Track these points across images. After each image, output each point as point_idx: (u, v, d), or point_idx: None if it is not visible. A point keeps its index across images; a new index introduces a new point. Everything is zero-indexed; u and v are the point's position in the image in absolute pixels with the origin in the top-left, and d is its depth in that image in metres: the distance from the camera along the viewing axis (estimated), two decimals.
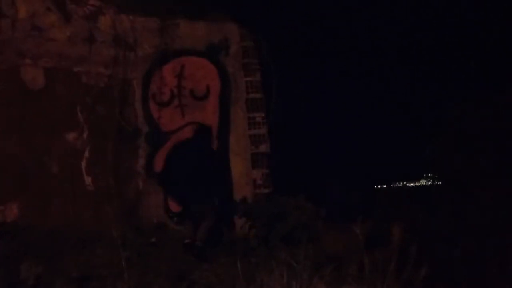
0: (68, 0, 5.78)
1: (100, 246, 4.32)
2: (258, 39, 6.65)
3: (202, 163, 5.36)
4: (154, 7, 6.27)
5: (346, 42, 9.12)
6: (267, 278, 2.74)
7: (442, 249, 4.51)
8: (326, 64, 9.11)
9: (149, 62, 6.14)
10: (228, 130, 6.25)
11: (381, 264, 2.81)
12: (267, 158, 6.34)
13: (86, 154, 5.69)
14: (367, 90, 10.72)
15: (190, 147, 5.74)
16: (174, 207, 5.96)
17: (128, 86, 6.05)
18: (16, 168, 5.36)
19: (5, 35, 5.48)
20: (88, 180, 5.65)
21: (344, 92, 9.81)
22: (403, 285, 2.73)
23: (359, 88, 10.32)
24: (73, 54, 5.76)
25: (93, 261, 4.07)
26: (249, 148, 6.30)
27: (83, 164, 5.65)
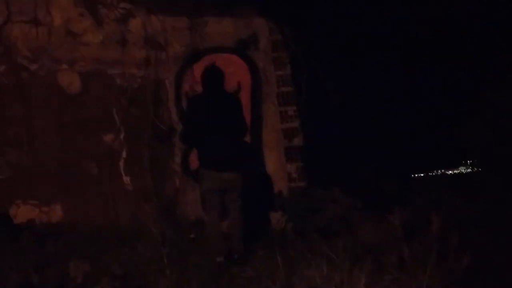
0: (100, 4, 5.93)
1: (141, 244, 4.42)
2: (287, 32, 6.63)
3: None
4: (182, 7, 6.33)
5: (376, 31, 8.97)
6: (307, 271, 2.75)
7: (484, 238, 4.41)
8: (357, 53, 8.99)
9: (180, 62, 6.22)
10: (260, 125, 6.27)
11: (421, 254, 2.77)
12: (300, 151, 6.34)
13: (124, 154, 5.84)
14: (401, 76, 10.52)
15: None
16: None
17: (160, 86, 6.15)
18: (58, 171, 5.56)
19: (41, 42, 5.68)
20: (126, 180, 5.79)
21: (377, 80, 9.65)
22: (444, 274, 2.70)
23: (393, 74, 10.13)
24: (107, 57, 5.91)
25: (135, 258, 4.17)
26: (283, 142, 6.31)
27: (121, 164, 5.80)
